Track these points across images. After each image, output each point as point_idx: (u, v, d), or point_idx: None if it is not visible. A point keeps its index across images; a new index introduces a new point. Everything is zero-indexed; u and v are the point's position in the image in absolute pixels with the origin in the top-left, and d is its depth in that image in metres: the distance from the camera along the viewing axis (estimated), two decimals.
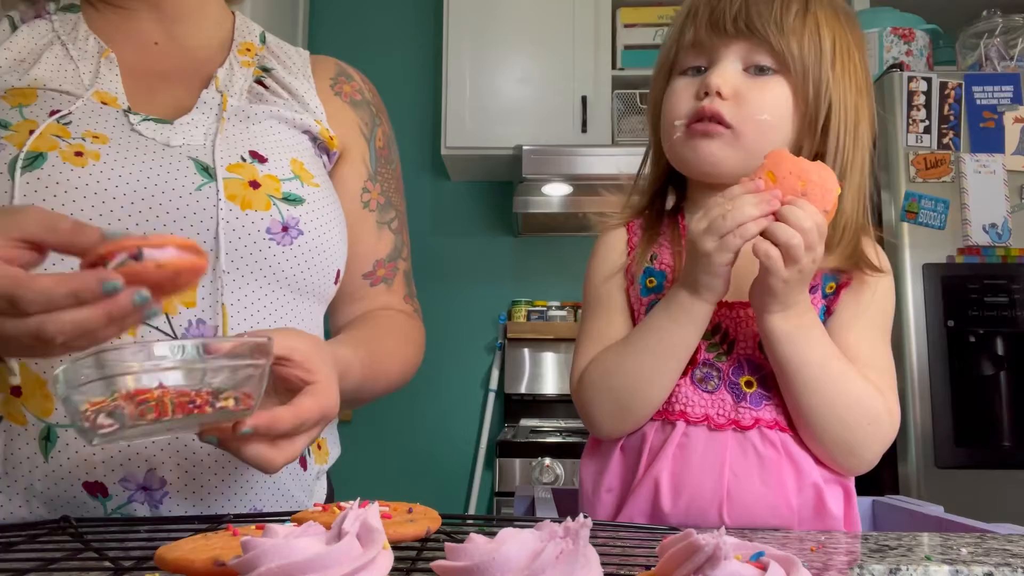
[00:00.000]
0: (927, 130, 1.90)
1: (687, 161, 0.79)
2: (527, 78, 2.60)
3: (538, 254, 2.88)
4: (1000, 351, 1.84)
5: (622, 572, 0.45)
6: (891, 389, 0.76)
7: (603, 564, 0.36)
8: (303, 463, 0.80)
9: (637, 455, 0.78)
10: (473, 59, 2.60)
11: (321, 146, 0.87)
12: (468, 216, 2.91)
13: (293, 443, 0.59)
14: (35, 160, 0.68)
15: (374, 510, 0.37)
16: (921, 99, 1.91)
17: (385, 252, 0.94)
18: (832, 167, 0.72)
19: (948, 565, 0.52)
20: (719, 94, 0.74)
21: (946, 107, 1.91)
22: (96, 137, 0.72)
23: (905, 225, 1.87)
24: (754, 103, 0.74)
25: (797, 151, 0.76)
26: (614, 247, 0.86)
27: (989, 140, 1.90)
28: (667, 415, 0.77)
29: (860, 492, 0.80)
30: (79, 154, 0.69)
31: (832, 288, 0.78)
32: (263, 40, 0.91)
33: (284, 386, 0.61)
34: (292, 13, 2.73)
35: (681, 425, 0.76)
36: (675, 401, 0.76)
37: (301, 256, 0.77)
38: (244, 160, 0.76)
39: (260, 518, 0.59)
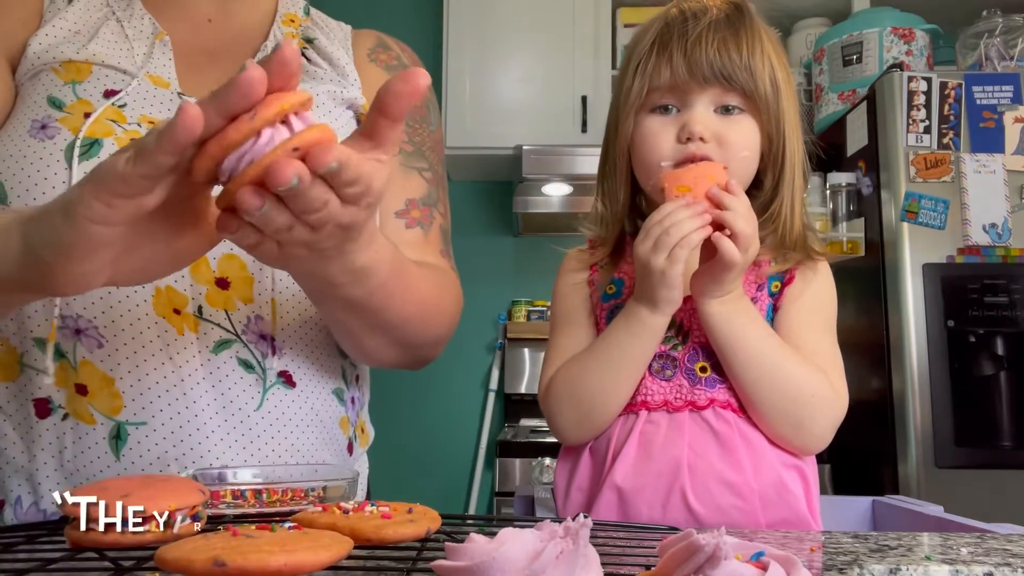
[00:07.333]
0: (927, 130, 1.90)
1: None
2: (527, 78, 2.60)
3: (538, 254, 2.88)
4: (1000, 351, 1.83)
5: (622, 572, 0.45)
6: (835, 370, 0.81)
7: (603, 564, 0.36)
8: (350, 448, 0.83)
9: (604, 452, 0.82)
10: (473, 59, 2.60)
11: (360, 120, 0.86)
12: (468, 216, 2.91)
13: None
14: (91, 147, 0.66)
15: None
16: (921, 99, 1.91)
17: (419, 194, 0.86)
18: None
19: (948, 565, 0.52)
20: (702, 139, 0.78)
21: (946, 107, 1.91)
22: (152, 123, 0.71)
23: (905, 225, 1.87)
24: (734, 143, 0.79)
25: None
26: (579, 262, 0.91)
27: (989, 140, 1.90)
28: (630, 407, 0.81)
29: (860, 492, 0.81)
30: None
31: (777, 287, 0.83)
32: (307, 12, 0.90)
33: None
34: None
35: (644, 413, 0.81)
36: (637, 393, 0.81)
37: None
38: None
39: (261, 518, 0.58)
